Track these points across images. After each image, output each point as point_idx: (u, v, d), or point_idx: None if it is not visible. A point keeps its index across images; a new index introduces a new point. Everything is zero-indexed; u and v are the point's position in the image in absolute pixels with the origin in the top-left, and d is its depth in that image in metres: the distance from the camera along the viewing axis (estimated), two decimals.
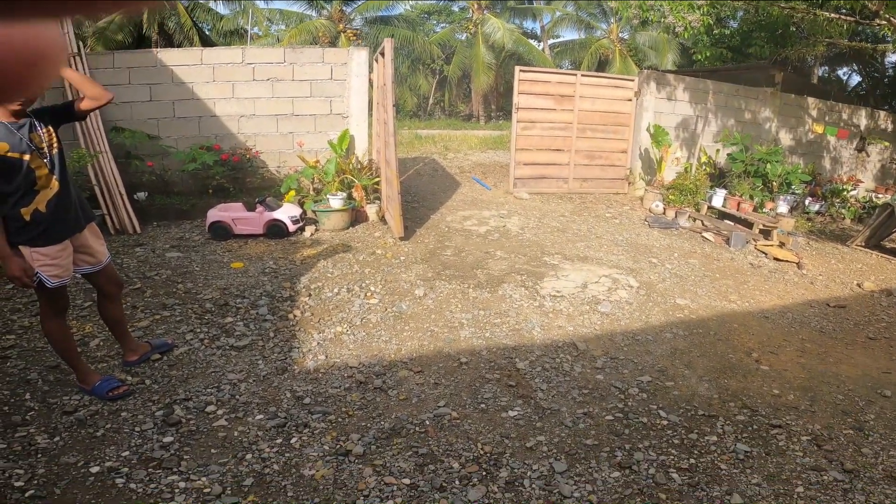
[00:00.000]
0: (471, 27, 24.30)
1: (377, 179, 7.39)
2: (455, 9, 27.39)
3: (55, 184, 3.07)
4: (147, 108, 7.60)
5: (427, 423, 3.12)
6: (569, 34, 42.42)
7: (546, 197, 8.94)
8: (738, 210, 8.19)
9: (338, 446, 2.89)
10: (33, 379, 3.43)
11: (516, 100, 8.93)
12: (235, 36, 21.95)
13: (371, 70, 8.10)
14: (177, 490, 2.58)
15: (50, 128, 3.09)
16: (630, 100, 9.46)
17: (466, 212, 7.68)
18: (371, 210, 7.00)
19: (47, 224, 3.06)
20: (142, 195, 7.11)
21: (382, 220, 6.95)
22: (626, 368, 3.84)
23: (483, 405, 3.31)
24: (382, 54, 6.65)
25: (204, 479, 2.65)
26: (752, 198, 8.61)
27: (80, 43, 7.22)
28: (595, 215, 8.07)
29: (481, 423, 3.15)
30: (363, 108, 8.24)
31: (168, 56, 7.82)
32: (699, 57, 13.13)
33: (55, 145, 3.09)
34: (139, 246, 5.94)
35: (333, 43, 21.15)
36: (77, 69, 6.81)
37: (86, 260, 3.29)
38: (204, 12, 20.80)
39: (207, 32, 20.55)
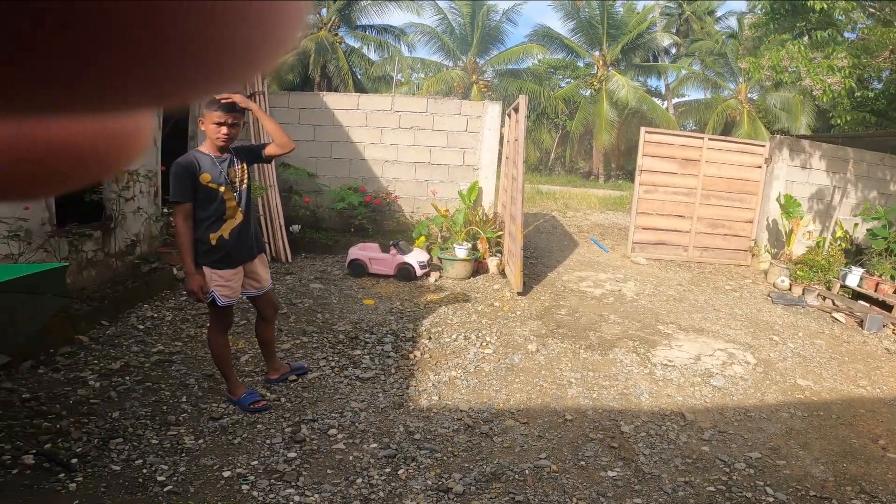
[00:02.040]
0: (595, 83, 23.91)
1: (500, 233, 7.51)
2: (580, 64, 27.02)
3: (240, 215, 3.38)
4: (310, 147, 8.15)
5: (527, 472, 3.10)
6: (694, 93, 40.79)
7: (664, 264, 8.61)
8: (875, 291, 7.44)
9: (440, 483, 2.94)
10: (191, 384, 3.80)
11: (640, 162, 8.65)
12: (382, 81, 23.33)
13: (502, 124, 8.28)
14: (292, 503, 2.72)
15: (244, 164, 3.40)
16: (759, 167, 8.85)
17: (583, 272, 7.59)
18: (492, 263, 7.11)
19: (228, 250, 3.34)
20: (296, 228, 7.69)
21: (502, 273, 7.03)
22: (735, 443, 3.61)
23: (583, 462, 3.25)
24: (516, 110, 6.81)
25: (317, 496, 2.77)
26: (893, 278, 7.79)
27: (264, 80, 8.00)
28: (714, 286, 7.67)
29: (579, 479, 3.09)
30: (493, 161, 8.34)
31: (331, 99, 8.38)
32: (838, 121, 11.91)
33: (245, 181, 3.39)
34: (289, 274, 6.43)
35: (466, 93, 21.87)
36: (260, 105, 7.58)
37: (252, 284, 3.57)
38: (358, 58, 22.33)
39: (359, 76, 22.05)
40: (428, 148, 8.38)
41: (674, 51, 27.02)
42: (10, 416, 3.26)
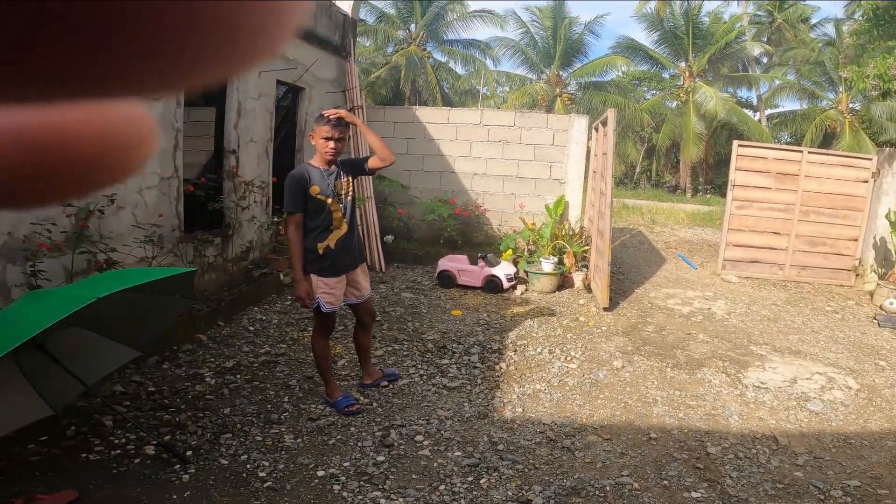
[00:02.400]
0: (682, 95, 22.64)
1: (586, 248, 7.32)
2: (666, 76, 25.82)
3: (345, 226, 3.46)
4: (403, 159, 8.25)
5: (608, 488, 2.99)
6: (789, 104, 37.58)
7: (757, 282, 8.04)
8: None
9: (520, 494, 2.89)
10: (293, 385, 3.95)
11: (732, 176, 8.13)
12: (468, 95, 23.49)
13: (589, 137, 8.09)
14: None
15: (349, 177, 3.48)
16: (866, 181, 8.02)
17: (670, 289, 7.26)
18: (578, 277, 6.95)
19: (334, 259, 3.44)
20: (389, 238, 7.86)
21: (587, 288, 6.85)
22: (832, 470, 3.31)
23: (666, 482, 3.09)
24: (604, 123, 6.64)
25: (401, 500, 2.79)
26: None
27: (362, 95, 8.27)
28: (813, 307, 7.10)
29: (661, 498, 2.94)
30: (579, 176, 8.14)
31: (422, 113, 8.51)
32: None
33: (350, 193, 3.47)
34: (382, 283, 6.58)
35: (550, 106, 21.53)
36: (359, 118, 7.84)
37: (353, 293, 3.66)
38: (445, 72, 22.61)
39: (446, 90, 22.32)
40: (515, 161, 8.32)
41: (765, 60, 25.21)
42: (136, 408, 3.52)
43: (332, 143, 3.33)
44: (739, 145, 8.22)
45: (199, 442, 3.19)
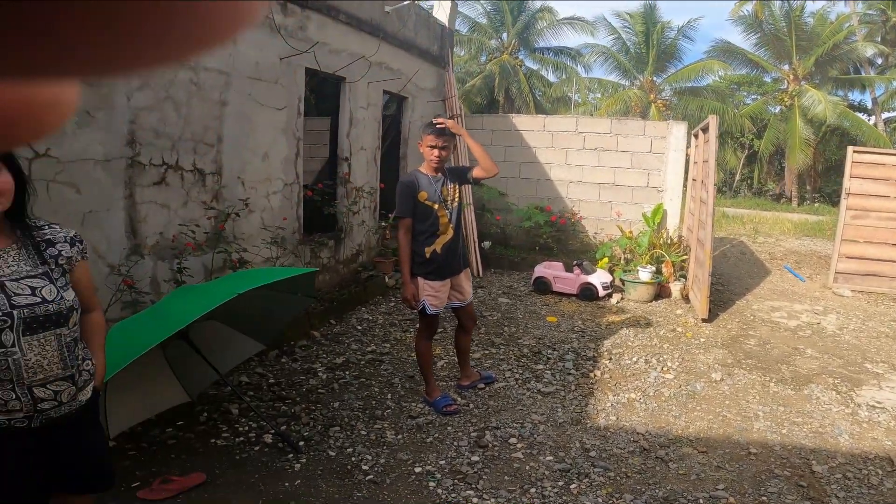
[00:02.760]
0: (786, 99, 20.81)
1: (685, 257, 6.99)
2: (767, 79, 23.82)
3: (451, 231, 3.48)
4: (501, 167, 7.96)
5: (701, 501, 2.84)
6: None
7: (874, 297, 7.27)
8: None
9: (610, 501, 2.80)
10: (395, 383, 4.07)
11: (847, 184, 7.43)
12: (560, 102, 23.00)
13: (688, 145, 7.73)
14: None
15: (455, 184, 3.52)
16: None
17: (775, 302, 6.75)
18: (675, 287, 6.63)
19: (440, 263, 3.48)
20: (487, 244, 7.90)
21: (685, 298, 6.52)
22: None
23: (765, 498, 2.89)
24: (704, 130, 6.33)
25: (493, 500, 2.77)
26: None
27: (461, 104, 8.38)
28: None
29: None
30: (678, 184, 7.81)
31: (519, 121, 8.47)
32: None
33: (456, 200, 3.50)
34: (480, 288, 6.63)
35: (644, 112, 20.64)
36: (459, 126, 7.94)
37: (457, 296, 3.67)
38: (537, 79, 22.29)
39: (538, 97, 22.03)
40: (612, 169, 8.09)
41: (879, 61, 22.77)
42: (258, 398, 3.74)
43: (437, 151, 3.38)
44: (855, 151, 7.51)
45: (311, 433, 3.33)
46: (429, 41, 7.91)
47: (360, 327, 5.20)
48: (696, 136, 7.42)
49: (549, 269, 6.65)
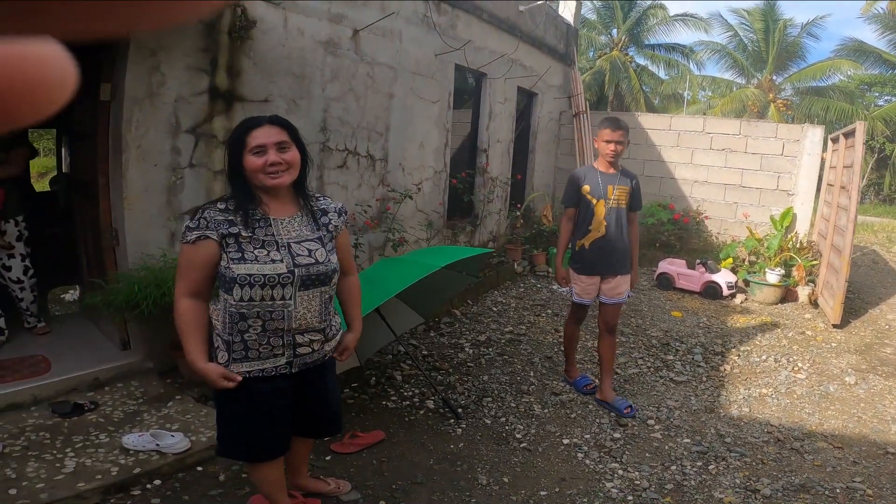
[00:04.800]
0: None
1: (815, 262, 6.87)
2: None
3: (603, 229, 3.51)
4: (626, 164, 8.41)
5: (838, 490, 3.01)
6: None
7: None
8: None
9: (748, 483, 3.01)
10: (536, 362, 4.48)
11: None
12: (671, 99, 22.23)
13: (823, 149, 7.51)
14: (616, 475, 3.01)
15: (628, 187, 3.56)
16: None
17: None
18: (803, 292, 6.56)
19: (587, 259, 3.59)
20: None
21: (812, 303, 6.44)
22: None
23: None
24: (846, 135, 6.22)
25: (636, 473, 3.03)
26: None
27: (586, 102, 8.58)
28: None
29: None
30: (811, 188, 7.63)
31: (644, 119, 8.56)
32: None
33: (620, 201, 3.52)
34: None
35: (762, 112, 19.53)
36: (581, 125, 8.19)
37: (606, 293, 3.69)
38: (648, 76, 21.73)
39: (648, 94, 21.43)
40: (739, 170, 8.01)
41: None
42: (415, 367, 4.07)
43: (612, 146, 3.45)
44: None
45: (467, 402, 3.66)
46: (556, 39, 8.21)
47: (495, 309, 5.69)
48: (834, 140, 7.22)
49: (672, 266, 6.80)
